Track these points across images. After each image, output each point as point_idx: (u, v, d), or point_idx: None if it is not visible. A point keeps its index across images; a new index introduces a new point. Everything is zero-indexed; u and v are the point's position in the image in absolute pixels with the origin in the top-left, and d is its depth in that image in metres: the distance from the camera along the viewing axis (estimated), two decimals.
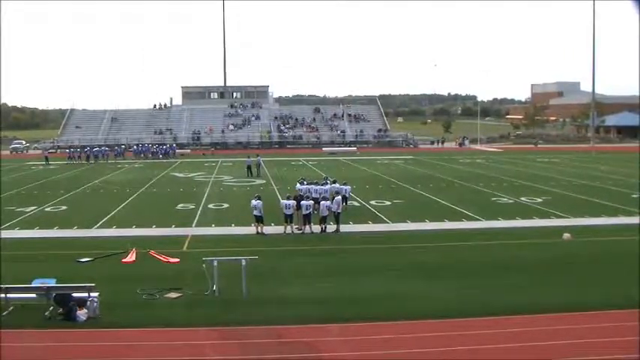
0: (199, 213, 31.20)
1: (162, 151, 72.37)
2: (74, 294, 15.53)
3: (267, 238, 24.87)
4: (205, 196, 37.35)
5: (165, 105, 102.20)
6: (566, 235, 24.34)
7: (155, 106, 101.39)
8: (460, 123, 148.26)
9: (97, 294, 15.60)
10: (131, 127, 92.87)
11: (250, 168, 49.47)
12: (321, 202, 26.04)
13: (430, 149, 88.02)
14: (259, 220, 25.39)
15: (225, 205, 33.63)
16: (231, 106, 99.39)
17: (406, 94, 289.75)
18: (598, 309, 15.63)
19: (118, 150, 70.87)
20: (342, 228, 26.04)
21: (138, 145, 75.72)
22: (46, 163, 63.45)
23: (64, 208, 33.50)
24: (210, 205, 33.68)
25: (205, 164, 62.03)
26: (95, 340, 13.97)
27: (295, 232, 25.64)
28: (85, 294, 15.49)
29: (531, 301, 16.27)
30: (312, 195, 27.89)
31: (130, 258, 21.41)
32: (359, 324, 14.75)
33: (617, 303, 15.89)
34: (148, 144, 77.18)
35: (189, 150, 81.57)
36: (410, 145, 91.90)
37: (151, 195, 38.88)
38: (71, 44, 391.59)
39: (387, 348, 13.36)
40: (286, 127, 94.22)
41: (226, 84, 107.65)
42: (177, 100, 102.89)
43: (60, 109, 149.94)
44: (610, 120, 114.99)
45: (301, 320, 15.02)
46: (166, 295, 17.05)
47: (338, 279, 18.76)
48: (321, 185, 29.78)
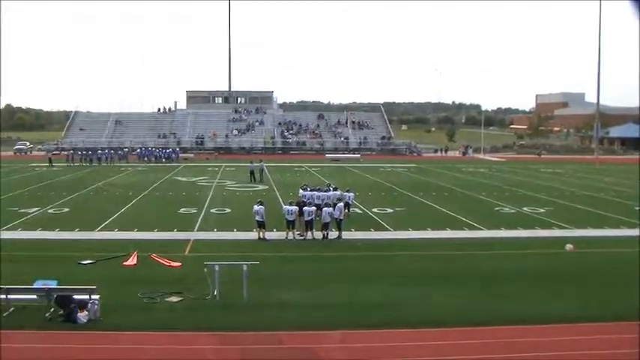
0: (201, 217, 31.21)
1: (166, 155, 72.52)
2: (75, 296, 15.52)
3: (269, 243, 24.86)
4: (208, 201, 37.37)
5: (170, 109, 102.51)
6: (569, 246, 24.28)
7: (159, 110, 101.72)
8: (464, 132, 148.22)
9: (98, 296, 15.59)
10: (135, 131, 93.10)
11: (253, 173, 49.49)
12: (324, 209, 26.02)
13: (433, 157, 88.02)
14: (261, 226, 25.38)
15: (228, 210, 33.64)
16: (236, 111, 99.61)
17: (410, 102, 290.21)
18: (600, 320, 15.57)
19: (121, 153, 70.94)
20: (344, 235, 26.03)
21: (141, 149, 75.88)
22: (50, 164, 63.61)
23: (66, 210, 33.55)
24: (213, 210, 33.69)
25: (208, 169, 62.08)
26: (95, 343, 13.96)
27: (297, 238, 25.63)
28: (86, 296, 15.48)
29: (532, 312, 16.21)
30: (315, 201, 27.89)
31: (132, 261, 21.40)
32: (360, 331, 14.72)
33: (619, 314, 15.82)
34: (151, 147, 77.33)
35: (192, 154, 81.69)
36: (413, 153, 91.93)
37: (154, 198, 38.92)
38: (76, 46, 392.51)
39: (386, 356, 13.33)
40: (290, 132, 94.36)
41: (231, 89, 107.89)
42: (182, 104, 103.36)
43: (64, 110, 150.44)
44: (614, 131, 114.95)
45: (302, 326, 15.00)
46: (167, 299, 17.04)
47: (339, 285, 18.73)
48: (324, 192, 29.79)
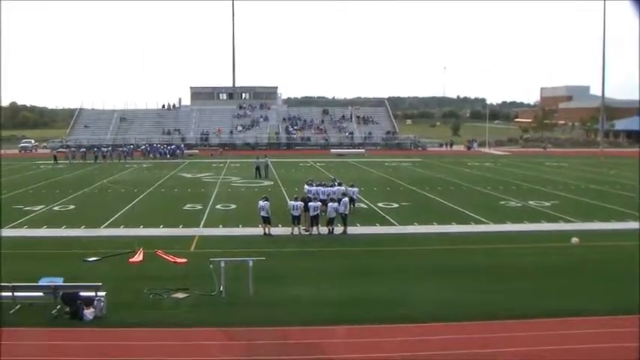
0: (207, 213, 31.24)
1: (170, 152, 72.54)
2: (81, 293, 15.57)
3: (275, 239, 24.87)
4: (213, 197, 37.39)
5: (174, 105, 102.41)
6: (575, 240, 24.21)
7: (164, 106, 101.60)
8: (469, 126, 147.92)
9: (104, 293, 15.63)
10: (139, 127, 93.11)
11: (259, 169, 49.45)
12: (329, 204, 26.01)
13: (438, 152, 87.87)
14: (267, 221, 25.39)
15: (233, 206, 33.65)
16: (240, 107, 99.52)
17: (415, 96, 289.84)
18: (605, 314, 15.54)
19: (126, 150, 70.88)
20: (350, 230, 26.02)
21: (146, 145, 75.94)
22: (55, 162, 63.77)
23: (72, 207, 33.62)
24: (218, 206, 33.71)
25: (213, 165, 62.10)
26: (102, 340, 13.99)
27: (302, 233, 25.63)
28: (92, 293, 15.52)
29: (538, 306, 16.19)
30: (320, 197, 27.86)
31: (138, 258, 21.43)
32: (365, 326, 14.73)
33: (624, 308, 15.78)
34: (156, 144, 77.39)
35: (197, 150, 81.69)
36: (418, 148, 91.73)
37: (159, 195, 38.96)
38: (80, 44, 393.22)
39: (394, 350, 13.33)
40: (294, 128, 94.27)
41: (235, 85, 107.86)
42: (186, 101, 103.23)
43: (69, 108, 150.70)
44: (619, 124, 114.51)
45: (308, 321, 15.01)
46: (173, 295, 17.06)
47: (345, 281, 18.74)
48: (329, 187, 29.77)
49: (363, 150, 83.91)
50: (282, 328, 14.61)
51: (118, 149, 71.57)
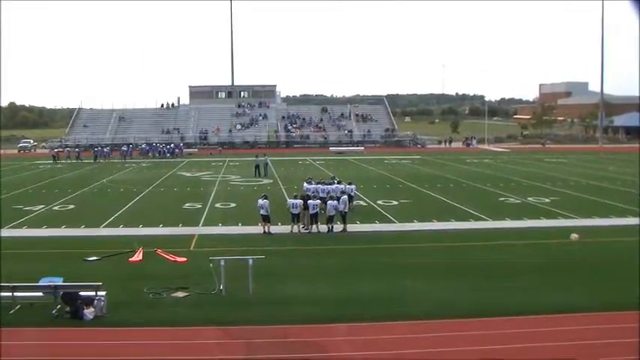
0: (206, 212, 31.24)
1: (170, 151, 72.44)
2: (81, 293, 15.57)
3: (274, 237, 24.87)
4: (212, 196, 37.39)
5: (173, 104, 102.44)
6: (574, 236, 24.22)
7: (162, 106, 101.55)
8: (468, 123, 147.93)
9: (104, 293, 15.63)
10: (138, 127, 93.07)
11: (258, 167, 49.46)
12: (328, 202, 26.01)
13: (437, 149, 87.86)
14: (266, 220, 25.39)
15: (232, 205, 33.66)
16: (239, 106, 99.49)
17: (414, 93, 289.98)
18: (605, 310, 15.55)
19: (125, 150, 70.61)
20: (349, 228, 26.03)
21: (143, 145, 75.86)
22: (54, 162, 63.78)
23: (71, 207, 33.61)
24: (218, 205, 33.71)
25: (212, 164, 62.10)
26: (102, 339, 14.00)
27: (302, 231, 25.64)
28: (92, 293, 15.52)
29: (538, 302, 16.21)
30: (320, 194, 27.86)
31: (137, 257, 21.43)
32: (366, 324, 14.74)
33: (624, 304, 15.79)
34: (155, 143, 77.35)
35: (196, 149, 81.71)
36: (417, 145, 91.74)
37: (158, 194, 38.95)
38: (79, 44, 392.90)
39: (393, 348, 13.34)
40: (293, 126, 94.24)
41: (234, 83, 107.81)
42: (185, 100, 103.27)
43: (68, 108, 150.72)
44: (618, 120, 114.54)
45: (308, 320, 15.01)
46: (173, 295, 17.07)
47: (344, 278, 18.74)
48: (328, 185, 29.76)
49: (362, 148, 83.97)
50: (281, 326, 14.61)
51: (121, 148, 71.37)
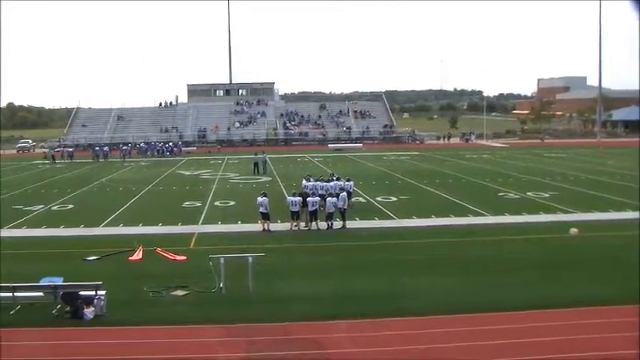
0: (206, 210, 31.24)
1: (168, 149, 72.29)
2: (81, 292, 15.58)
3: (274, 235, 24.88)
4: (211, 194, 37.39)
5: (171, 103, 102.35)
6: (573, 230, 24.25)
7: (161, 104, 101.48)
8: (466, 118, 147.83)
9: (103, 292, 15.64)
10: (137, 126, 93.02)
11: (257, 165, 49.48)
12: (327, 199, 26.01)
13: (436, 145, 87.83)
14: (265, 217, 25.40)
15: (232, 203, 33.66)
16: (237, 104, 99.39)
17: (412, 89, 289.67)
18: (604, 304, 15.56)
19: (125, 149, 70.19)
20: (349, 224, 26.03)
21: (141, 144, 75.73)
22: (53, 161, 63.74)
23: (70, 206, 33.60)
24: (217, 203, 33.71)
25: (211, 162, 62.09)
26: (102, 338, 14.01)
27: (302, 229, 25.64)
28: (92, 292, 15.53)
29: (538, 297, 16.22)
30: (319, 192, 27.85)
31: (137, 256, 21.44)
32: (366, 320, 14.75)
33: (623, 298, 15.80)
34: (153, 142, 77.25)
35: (195, 148, 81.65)
36: (416, 141, 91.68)
37: (157, 193, 38.95)
38: (76, 43, 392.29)
39: (393, 345, 13.35)
40: (292, 123, 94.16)
41: (232, 81, 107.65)
42: (183, 98, 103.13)
43: (66, 107, 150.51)
44: (617, 114, 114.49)
45: (308, 317, 15.02)
46: (173, 293, 17.08)
47: (344, 275, 18.75)
48: (326, 182, 29.74)
49: (360, 144, 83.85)
50: (282, 323, 14.62)
51: (122, 147, 71.07)
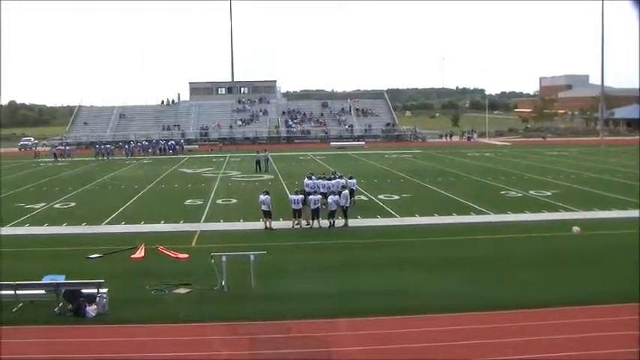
0: (208, 208, 31.23)
1: (170, 147, 72.22)
2: (83, 290, 15.58)
3: (276, 233, 24.87)
4: (214, 192, 37.39)
5: (173, 101, 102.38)
6: (576, 229, 24.20)
7: (163, 102, 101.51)
8: (468, 117, 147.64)
9: (106, 290, 15.63)
10: (139, 123, 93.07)
11: (259, 163, 49.47)
12: (330, 197, 25.98)
13: (438, 143, 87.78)
14: (267, 215, 25.37)
15: (234, 201, 33.65)
16: (239, 102, 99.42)
17: (414, 88, 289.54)
18: (607, 303, 15.53)
19: (127, 148, 70.05)
20: (351, 222, 26.01)
21: (145, 141, 75.73)
22: (55, 159, 63.80)
23: (72, 204, 33.61)
24: (219, 201, 33.71)
25: (213, 160, 62.10)
26: (104, 336, 14.01)
27: (304, 226, 25.62)
28: (94, 290, 15.52)
29: (540, 295, 16.19)
30: (320, 190, 27.80)
31: (139, 254, 21.44)
32: (368, 318, 14.73)
33: (626, 297, 15.76)
34: (154, 140, 77.25)
35: (197, 145, 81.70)
36: (418, 139, 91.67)
37: (160, 191, 38.95)
38: (78, 41, 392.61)
39: (395, 342, 13.34)
40: (294, 122, 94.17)
41: (234, 79, 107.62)
42: (185, 96, 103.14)
43: (68, 105, 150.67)
44: (619, 113, 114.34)
45: (310, 315, 15.00)
46: (175, 291, 17.07)
47: (347, 273, 18.73)
48: (328, 180, 29.70)
49: (362, 142, 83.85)
50: (284, 321, 14.60)
51: (124, 146, 70.95)
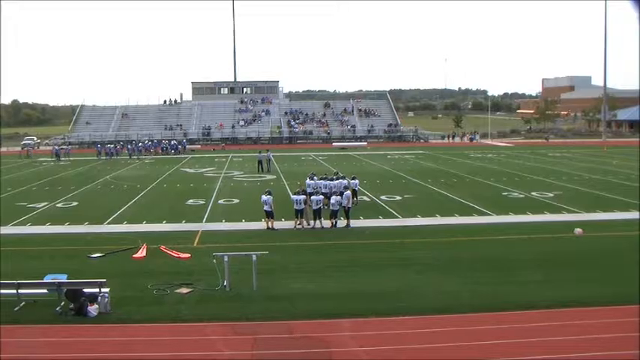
0: (210, 208, 31.24)
1: (173, 147, 72.15)
2: (85, 289, 15.58)
3: (278, 233, 24.87)
4: (216, 192, 37.40)
5: (176, 101, 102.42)
6: (578, 230, 24.18)
7: (165, 102, 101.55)
8: (471, 118, 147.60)
9: (107, 289, 15.64)
10: (141, 123, 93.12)
11: (261, 163, 49.50)
12: (332, 198, 25.98)
13: (441, 144, 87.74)
14: (270, 216, 25.37)
15: (236, 201, 33.66)
16: (242, 102, 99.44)
17: (417, 88, 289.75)
18: (609, 304, 15.52)
19: (130, 148, 69.61)
20: (353, 223, 26.00)
21: (147, 141, 75.75)
22: (57, 159, 63.88)
23: (75, 203, 33.64)
24: (221, 201, 33.72)
25: (215, 160, 62.12)
26: (106, 336, 14.01)
27: (305, 227, 25.61)
28: (96, 289, 15.53)
29: (541, 296, 16.18)
30: (322, 190, 27.79)
31: (141, 254, 21.45)
32: (369, 319, 14.73)
33: (628, 298, 15.76)
34: (155, 140, 77.25)
35: (199, 145, 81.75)
36: (420, 140, 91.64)
37: (162, 191, 38.96)
38: (81, 40, 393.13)
39: (397, 343, 13.33)
40: (296, 122, 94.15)
41: (236, 79, 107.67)
42: (188, 96, 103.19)
43: (70, 105, 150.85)
44: (622, 114, 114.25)
45: (312, 315, 15.01)
46: (177, 291, 17.08)
47: (348, 274, 18.73)
48: (330, 180, 29.69)
49: (365, 143, 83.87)
50: (286, 321, 14.61)
51: (127, 146, 70.88)
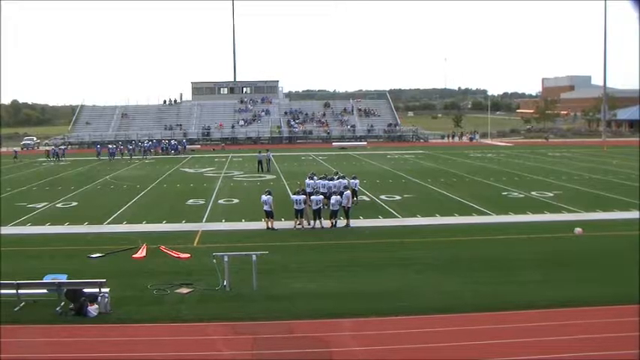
0: (210, 208, 31.24)
1: (173, 147, 72.10)
2: (85, 289, 15.58)
3: (278, 233, 24.86)
4: (215, 192, 37.40)
5: (175, 100, 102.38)
6: (578, 230, 24.18)
7: (165, 102, 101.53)
8: (471, 117, 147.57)
9: (107, 289, 15.64)
10: (141, 123, 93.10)
11: (261, 163, 49.50)
12: (332, 197, 25.97)
13: (440, 144, 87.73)
14: (269, 216, 25.37)
15: (236, 201, 33.66)
16: (241, 102, 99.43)
17: (416, 88, 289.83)
18: (609, 304, 15.51)
19: (131, 148, 69.63)
20: (353, 223, 25.99)
21: (147, 141, 75.72)
22: (57, 159, 63.88)
23: (74, 204, 33.63)
24: (221, 201, 33.72)
25: (215, 159, 62.12)
26: (106, 336, 14.01)
27: (305, 227, 25.61)
28: (96, 289, 15.52)
29: (541, 296, 16.17)
30: (321, 190, 27.78)
31: (141, 254, 21.45)
32: (370, 319, 14.73)
33: (627, 298, 15.75)
34: (155, 140, 77.22)
35: (199, 145, 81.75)
36: (420, 140, 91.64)
37: (162, 191, 38.96)
38: (81, 40, 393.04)
39: (397, 343, 13.33)
40: (296, 122, 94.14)
41: (236, 79, 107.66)
42: (187, 96, 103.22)
43: (70, 105, 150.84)
44: (622, 114, 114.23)
45: (312, 315, 15.00)
46: (177, 291, 17.07)
47: (348, 274, 18.73)
48: (330, 180, 29.68)
49: (365, 143, 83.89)
50: (286, 321, 14.61)
51: (127, 146, 70.80)
